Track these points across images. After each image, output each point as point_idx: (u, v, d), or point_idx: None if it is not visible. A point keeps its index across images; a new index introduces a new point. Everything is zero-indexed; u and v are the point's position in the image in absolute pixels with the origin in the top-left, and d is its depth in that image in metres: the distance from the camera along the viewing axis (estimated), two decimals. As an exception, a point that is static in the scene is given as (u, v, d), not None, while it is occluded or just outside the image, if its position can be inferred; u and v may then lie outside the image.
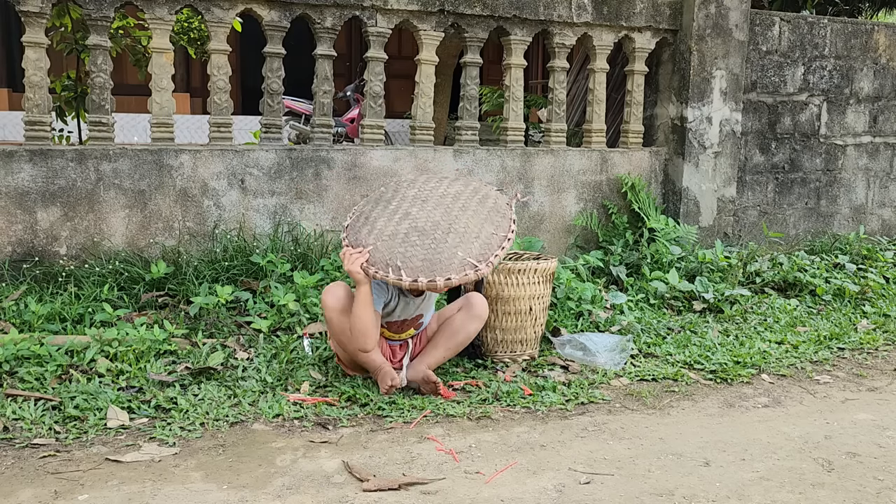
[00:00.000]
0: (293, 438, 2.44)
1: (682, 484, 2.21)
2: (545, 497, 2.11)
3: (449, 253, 2.67)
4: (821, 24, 5.18)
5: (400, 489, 2.12)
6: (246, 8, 3.78)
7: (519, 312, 3.19)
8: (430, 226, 2.77)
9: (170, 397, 2.65)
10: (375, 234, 2.74)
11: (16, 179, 3.44)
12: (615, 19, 4.48)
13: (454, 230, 2.75)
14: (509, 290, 3.17)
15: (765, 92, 5.04)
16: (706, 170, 4.74)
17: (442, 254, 2.66)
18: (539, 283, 3.23)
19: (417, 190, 2.95)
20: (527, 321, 3.22)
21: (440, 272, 2.61)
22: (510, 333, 3.22)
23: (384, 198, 2.93)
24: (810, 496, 2.16)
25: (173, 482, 2.13)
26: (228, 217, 3.81)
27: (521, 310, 3.19)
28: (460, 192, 2.95)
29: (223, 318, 3.37)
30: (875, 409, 2.87)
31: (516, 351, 3.25)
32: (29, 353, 2.86)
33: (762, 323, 3.83)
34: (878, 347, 3.62)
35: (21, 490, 2.07)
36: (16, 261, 3.47)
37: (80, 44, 4.72)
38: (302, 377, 2.89)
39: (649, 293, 4.07)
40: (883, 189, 5.61)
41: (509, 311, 3.19)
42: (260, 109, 3.97)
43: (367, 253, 2.68)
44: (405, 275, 2.61)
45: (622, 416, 2.72)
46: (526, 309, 3.20)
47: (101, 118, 3.62)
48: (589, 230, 4.58)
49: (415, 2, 4.01)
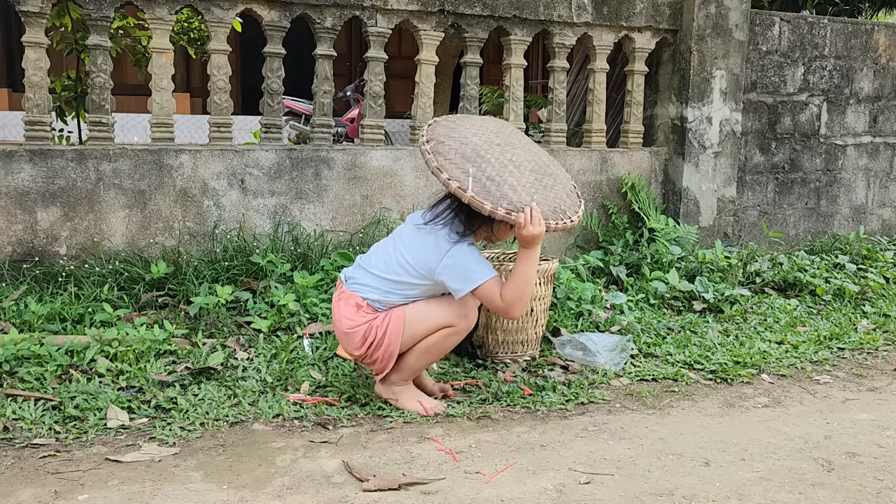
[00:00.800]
0: (293, 438, 2.44)
1: (682, 484, 2.21)
2: (545, 497, 2.11)
3: (559, 199, 2.55)
4: (821, 24, 5.18)
5: (400, 489, 2.12)
6: (246, 8, 3.78)
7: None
8: (538, 168, 2.58)
9: (170, 397, 2.65)
10: (517, 188, 2.45)
11: (16, 179, 3.44)
12: (615, 19, 4.48)
13: (551, 174, 2.62)
14: None
15: (765, 92, 5.04)
16: (706, 170, 4.74)
17: (558, 199, 2.54)
18: (540, 284, 3.22)
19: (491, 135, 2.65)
20: (528, 322, 3.22)
21: (562, 217, 2.49)
22: (511, 335, 3.21)
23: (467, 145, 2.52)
24: (810, 496, 2.16)
25: (173, 482, 2.13)
26: (228, 217, 3.81)
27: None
28: (525, 141, 2.77)
29: (223, 318, 3.37)
30: (875, 409, 2.87)
31: (517, 352, 3.24)
32: (29, 353, 2.86)
33: (762, 323, 3.83)
34: (878, 347, 3.62)
35: (21, 490, 2.07)
36: (16, 261, 3.47)
37: (80, 44, 4.72)
38: (302, 377, 2.89)
39: (649, 293, 4.07)
40: (883, 189, 5.61)
41: None
42: (260, 109, 3.97)
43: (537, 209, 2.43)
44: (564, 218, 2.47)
45: (622, 416, 2.72)
46: (527, 310, 3.19)
47: (101, 118, 3.62)
48: (589, 230, 4.58)
49: (415, 2, 4.01)
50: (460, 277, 2.47)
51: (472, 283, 2.47)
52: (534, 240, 2.44)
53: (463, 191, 2.37)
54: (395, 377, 2.66)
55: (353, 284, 2.63)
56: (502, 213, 2.37)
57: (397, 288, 2.56)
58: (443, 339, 2.57)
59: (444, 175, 2.39)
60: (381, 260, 2.60)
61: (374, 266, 2.60)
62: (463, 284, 2.47)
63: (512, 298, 2.46)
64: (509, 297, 2.46)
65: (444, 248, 2.47)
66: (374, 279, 2.58)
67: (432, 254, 2.48)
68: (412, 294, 2.57)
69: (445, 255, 2.46)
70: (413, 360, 2.61)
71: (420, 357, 2.61)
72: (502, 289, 2.48)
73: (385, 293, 2.57)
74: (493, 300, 2.48)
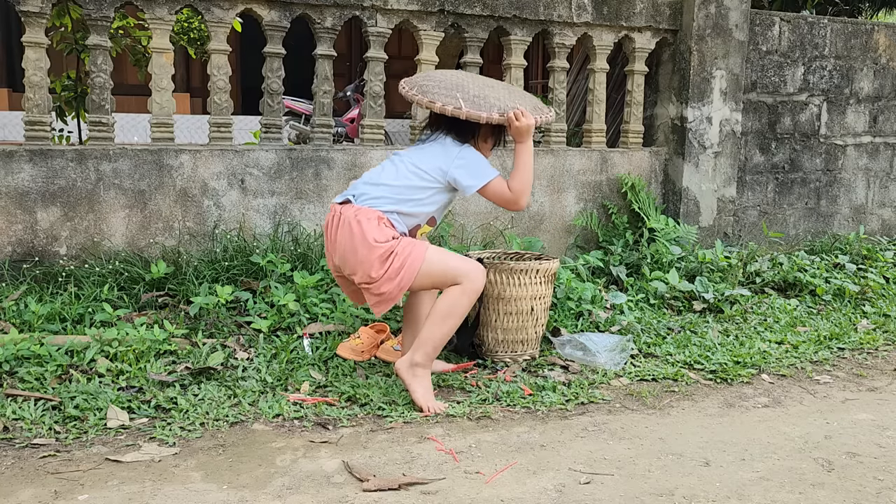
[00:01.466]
0: (293, 438, 2.44)
1: (682, 484, 2.21)
2: (545, 497, 2.11)
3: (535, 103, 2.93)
4: (821, 24, 5.18)
5: (400, 489, 2.12)
6: (246, 8, 3.78)
7: (521, 312, 3.19)
8: (507, 88, 2.98)
9: (170, 397, 2.65)
10: (500, 99, 2.78)
11: (16, 179, 3.44)
12: (615, 19, 4.48)
13: (519, 92, 3.01)
14: (511, 290, 3.16)
15: (765, 92, 5.04)
16: (706, 170, 4.74)
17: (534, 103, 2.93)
18: (541, 284, 3.22)
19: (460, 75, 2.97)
20: (528, 321, 3.21)
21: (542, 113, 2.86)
22: (511, 334, 3.21)
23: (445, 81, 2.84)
24: (810, 496, 2.16)
25: (173, 482, 2.13)
26: (228, 217, 3.81)
27: (522, 310, 3.19)
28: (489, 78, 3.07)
29: (223, 318, 3.37)
30: (875, 409, 2.87)
31: (517, 351, 3.24)
32: (29, 353, 2.86)
33: (762, 323, 3.83)
34: (878, 347, 3.62)
35: (21, 490, 2.07)
36: (16, 261, 3.47)
37: (80, 44, 4.71)
38: (302, 377, 2.89)
39: (649, 293, 4.07)
40: (883, 189, 5.61)
41: (511, 311, 3.17)
42: (260, 109, 3.97)
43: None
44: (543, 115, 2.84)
45: (622, 416, 2.72)
46: (528, 309, 3.19)
47: (101, 118, 3.62)
48: (589, 230, 4.58)
49: (415, 2, 4.01)
50: (472, 174, 2.73)
51: (483, 178, 2.73)
52: (527, 131, 2.77)
53: (459, 110, 2.67)
54: (419, 356, 2.67)
55: (367, 200, 2.71)
56: (497, 118, 2.71)
57: (410, 193, 2.72)
58: (457, 298, 2.65)
59: (438, 104, 2.69)
60: (389, 174, 2.76)
61: (384, 179, 2.75)
62: (475, 181, 2.72)
63: (519, 188, 2.76)
64: (517, 187, 2.76)
65: (453, 150, 2.75)
66: (387, 189, 2.72)
67: (442, 158, 2.74)
68: (424, 198, 2.74)
69: (456, 157, 2.73)
70: (434, 329, 2.65)
71: (439, 324, 2.65)
72: (509, 182, 2.76)
73: (398, 202, 2.71)
74: (503, 193, 2.75)
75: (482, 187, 2.73)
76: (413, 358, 2.69)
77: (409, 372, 2.69)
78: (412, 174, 2.73)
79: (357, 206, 2.69)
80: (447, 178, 2.73)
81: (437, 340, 2.68)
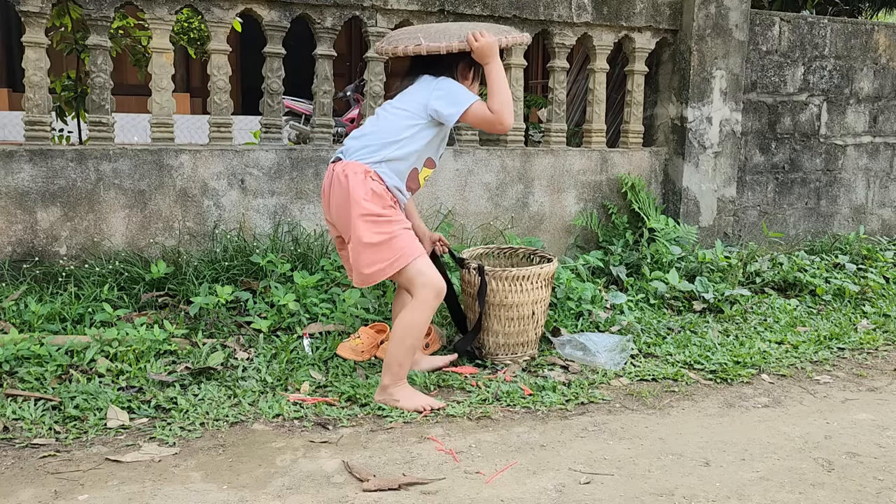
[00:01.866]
0: (293, 438, 2.44)
1: (682, 484, 2.21)
2: (545, 497, 2.11)
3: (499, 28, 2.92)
4: (821, 24, 5.18)
5: (400, 489, 2.12)
6: (246, 8, 3.77)
7: (522, 317, 3.19)
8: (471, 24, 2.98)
9: (170, 397, 2.65)
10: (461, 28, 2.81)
11: (16, 179, 3.44)
12: (615, 19, 4.48)
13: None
14: (513, 296, 3.16)
15: (765, 92, 5.04)
16: (706, 170, 4.74)
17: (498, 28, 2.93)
18: (542, 288, 3.22)
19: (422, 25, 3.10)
20: (529, 324, 3.22)
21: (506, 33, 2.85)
22: (513, 337, 3.21)
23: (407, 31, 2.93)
24: (810, 496, 2.16)
25: (173, 482, 2.13)
26: (228, 217, 3.81)
27: (524, 315, 3.19)
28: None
29: (223, 318, 3.37)
30: (875, 409, 2.87)
31: (517, 353, 3.24)
32: (29, 353, 2.86)
33: (762, 323, 3.83)
34: (878, 347, 3.62)
35: (21, 490, 2.07)
36: (16, 261, 3.47)
37: (80, 44, 4.71)
38: (302, 377, 2.89)
39: (649, 293, 4.07)
40: (883, 189, 5.61)
41: (513, 316, 3.18)
42: (260, 109, 3.97)
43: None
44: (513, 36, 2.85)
45: (622, 416, 2.72)
46: (528, 314, 3.20)
47: (101, 118, 3.62)
48: (589, 230, 4.58)
49: (415, 2, 4.01)
50: (452, 102, 2.73)
51: (463, 104, 2.73)
52: (490, 51, 2.75)
53: (419, 46, 2.71)
54: (387, 379, 2.70)
55: (354, 153, 2.75)
56: (457, 44, 2.72)
57: (394, 134, 2.73)
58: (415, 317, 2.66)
59: (400, 47, 2.74)
60: (372, 124, 2.81)
61: (367, 129, 2.79)
62: (455, 108, 2.73)
63: (498, 107, 2.73)
64: (496, 107, 2.73)
65: (430, 83, 2.77)
66: (371, 137, 2.75)
67: (421, 92, 2.77)
68: (409, 137, 2.74)
69: (434, 88, 2.75)
70: (394, 348, 2.67)
71: (398, 343, 2.67)
72: (488, 104, 2.74)
73: (382, 146, 2.72)
74: (485, 115, 2.74)
75: (463, 113, 2.72)
76: (382, 383, 2.72)
77: (385, 395, 2.71)
78: (394, 116, 2.76)
79: (345, 162, 2.73)
80: (428, 112, 2.74)
81: (401, 357, 2.69)
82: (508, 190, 4.36)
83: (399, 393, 2.69)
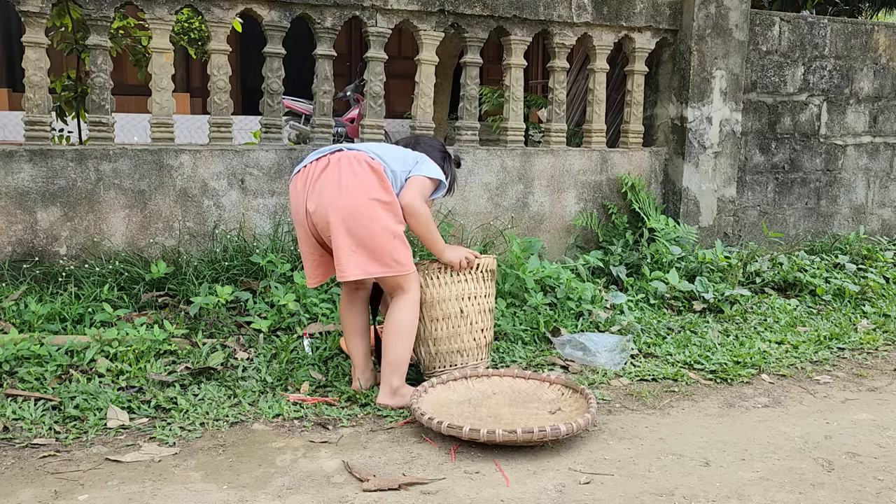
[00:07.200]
0: (293, 438, 2.44)
1: (682, 484, 2.21)
2: (545, 497, 2.11)
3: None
4: (821, 24, 5.18)
5: (400, 489, 2.12)
6: (246, 8, 3.77)
7: (448, 317, 2.82)
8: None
9: (170, 397, 2.65)
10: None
11: (16, 179, 3.44)
12: (615, 19, 4.48)
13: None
14: (432, 290, 2.80)
15: (765, 92, 5.04)
16: (706, 170, 4.74)
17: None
18: (468, 281, 2.85)
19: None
20: (461, 326, 2.83)
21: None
22: (444, 343, 2.83)
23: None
24: (810, 496, 2.16)
25: (173, 482, 2.13)
26: (228, 217, 3.81)
27: (449, 313, 2.82)
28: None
29: (223, 318, 3.37)
30: (875, 409, 2.87)
31: (456, 363, 2.85)
32: (29, 353, 2.86)
33: (762, 323, 3.83)
34: (878, 347, 3.62)
35: (21, 490, 2.07)
36: (16, 261, 3.47)
37: (80, 44, 4.71)
38: (302, 377, 2.89)
39: (649, 293, 4.07)
40: (883, 189, 5.61)
41: (436, 316, 2.81)
42: (260, 109, 3.97)
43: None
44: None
45: (622, 416, 2.72)
46: (456, 311, 2.82)
47: (101, 118, 3.62)
48: (589, 230, 4.58)
49: (415, 2, 4.01)
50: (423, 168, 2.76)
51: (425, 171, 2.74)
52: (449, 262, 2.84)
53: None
54: (396, 380, 2.67)
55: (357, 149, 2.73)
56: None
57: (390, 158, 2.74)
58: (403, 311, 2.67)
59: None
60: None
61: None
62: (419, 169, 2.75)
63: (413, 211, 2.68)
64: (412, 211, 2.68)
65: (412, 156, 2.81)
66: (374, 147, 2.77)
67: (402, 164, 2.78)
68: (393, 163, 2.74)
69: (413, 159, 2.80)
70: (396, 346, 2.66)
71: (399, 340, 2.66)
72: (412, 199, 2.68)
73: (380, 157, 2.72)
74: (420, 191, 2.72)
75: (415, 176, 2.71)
76: (393, 385, 2.67)
77: (398, 398, 2.68)
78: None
79: (344, 152, 2.69)
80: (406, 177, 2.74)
81: (406, 355, 2.69)
82: (508, 190, 4.36)
83: (408, 392, 2.68)
